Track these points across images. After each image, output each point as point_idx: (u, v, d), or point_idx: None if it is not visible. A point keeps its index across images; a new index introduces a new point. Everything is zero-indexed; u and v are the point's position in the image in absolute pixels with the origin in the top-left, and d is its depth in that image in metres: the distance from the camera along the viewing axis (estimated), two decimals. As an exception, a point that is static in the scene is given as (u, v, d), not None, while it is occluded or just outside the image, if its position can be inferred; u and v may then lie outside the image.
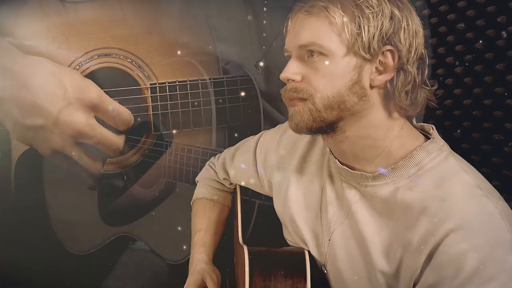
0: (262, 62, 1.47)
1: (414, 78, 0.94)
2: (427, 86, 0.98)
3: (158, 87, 1.52)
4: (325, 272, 1.10)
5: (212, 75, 1.47)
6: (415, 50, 0.93)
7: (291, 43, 0.98)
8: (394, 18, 0.91)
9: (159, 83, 1.52)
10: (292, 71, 0.97)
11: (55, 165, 1.56)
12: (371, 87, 0.93)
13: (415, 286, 0.90)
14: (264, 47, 1.47)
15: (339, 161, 1.04)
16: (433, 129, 1.00)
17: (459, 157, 0.98)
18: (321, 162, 1.13)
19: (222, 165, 1.39)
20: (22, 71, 1.35)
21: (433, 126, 1.01)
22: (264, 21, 1.45)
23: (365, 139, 0.97)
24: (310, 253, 1.13)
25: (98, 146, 1.41)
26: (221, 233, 1.40)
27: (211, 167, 1.44)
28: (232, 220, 1.41)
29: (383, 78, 0.93)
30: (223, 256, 1.37)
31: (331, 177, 1.09)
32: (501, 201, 0.90)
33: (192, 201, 1.45)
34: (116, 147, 1.47)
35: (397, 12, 0.92)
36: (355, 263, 1.01)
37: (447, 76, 1.34)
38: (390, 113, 0.96)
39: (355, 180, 1.01)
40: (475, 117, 1.28)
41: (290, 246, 1.21)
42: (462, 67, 1.31)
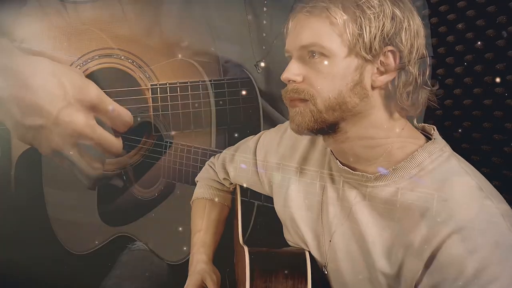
0: (263, 62, 1.47)
1: (415, 79, 0.94)
2: (428, 86, 0.97)
3: (159, 88, 1.52)
4: (325, 273, 1.10)
5: (212, 76, 1.46)
6: (417, 50, 0.93)
7: (292, 43, 0.98)
8: (395, 18, 0.91)
9: (160, 84, 1.52)
10: (293, 72, 0.96)
11: (55, 164, 1.55)
12: (372, 87, 0.93)
13: (416, 287, 0.91)
14: (264, 47, 1.47)
15: (340, 161, 1.03)
16: (434, 129, 1.00)
17: (461, 158, 0.98)
18: (321, 163, 1.12)
19: (222, 165, 1.39)
20: (22, 70, 1.34)
21: (434, 127, 1.01)
22: (264, 21, 1.45)
23: (366, 139, 0.97)
24: (310, 254, 1.12)
25: (97, 147, 1.41)
26: (221, 233, 1.40)
27: (211, 167, 1.44)
28: (232, 220, 1.41)
29: (384, 79, 0.92)
30: (223, 256, 1.36)
31: (332, 178, 1.09)
32: (503, 202, 0.90)
33: (191, 201, 1.45)
34: (116, 149, 1.46)
35: (398, 12, 0.91)
36: (356, 264, 1.01)
37: (447, 76, 1.34)
38: (391, 113, 0.96)
39: (356, 181, 1.01)
40: (475, 117, 1.28)
41: (290, 247, 1.21)
42: (462, 67, 1.31)
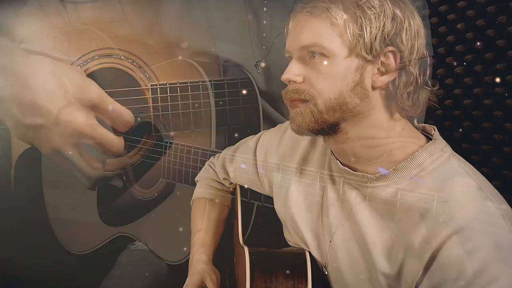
0: (263, 62, 1.47)
1: (416, 79, 0.93)
2: (429, 86, 0.97)
3: (159, 88, 1.51)
4: (325, 273, 1.10)
5: (212, 77, 1.46)
6: (417, 50, 0.93)
7: (292, 44, 0.97)
8: (396, 18, 0.91)
9: (160, 84, 1.51)
10: (293, 72, 0.96)
11: (55, 165, 1.55)
12: (373, 88, 0.93)
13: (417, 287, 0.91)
14: (264, 47, 1.47)
15: (340, 162, 1.03)
16: (434, 130, 1.00)
17: (461, 158, 0.97)
18: (322, 163, 1.12)
19: (222, 165, 1.38)
20: (23, 70, 1.34)
21: (434, 127, 1.01)
22: (264, 21, 1.45)
23: (366, 140, 0.97)
24: (310, 254, 1.12)
25: (98, 146, 1.40)
26: (221, 233, 1.39)
27: (211, 166, 1.43)
28: (232, 220, 1.41)
29: (385, 79, 0.92)
30: (223, 256, 1.36)
31: (332, 178, 1.08)
32: (503, 202, 0.90)
33: (191, 200, 1.44)
34: (117, 148, 1.46)
35: (399, 12, 0.91)
36: (356, 264, 1.01)
37: (447, 76, 1.34)
38: (391, 114, 0.95)
39: (357, 181, 1.01)
40: (475, 117, 1.28)
41: (290, 247, 1.21)
42: (462, 67, 1.31)
